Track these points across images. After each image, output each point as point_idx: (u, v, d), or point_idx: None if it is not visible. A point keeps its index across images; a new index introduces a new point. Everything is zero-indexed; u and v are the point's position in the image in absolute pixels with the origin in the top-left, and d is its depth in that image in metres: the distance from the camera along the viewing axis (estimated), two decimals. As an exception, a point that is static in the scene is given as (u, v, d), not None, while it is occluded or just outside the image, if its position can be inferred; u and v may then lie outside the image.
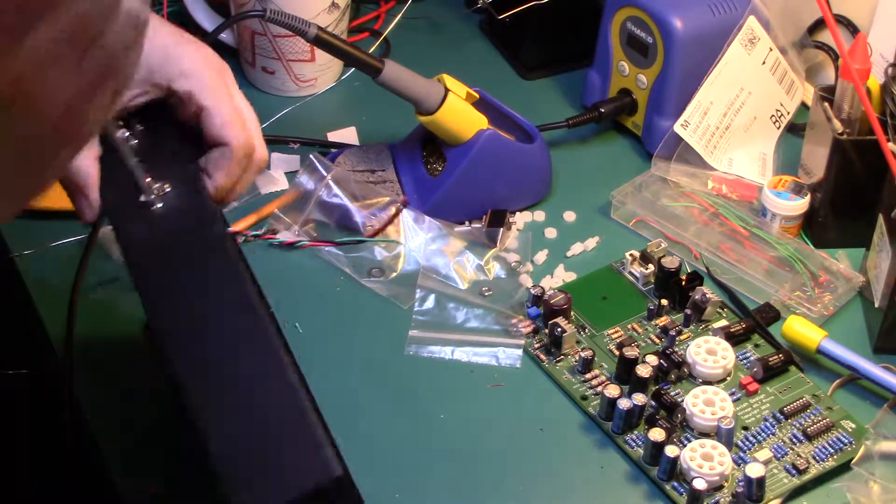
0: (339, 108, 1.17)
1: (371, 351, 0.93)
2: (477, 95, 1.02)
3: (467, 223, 1.03)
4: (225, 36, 1.17)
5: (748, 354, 0.92)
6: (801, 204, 1.01)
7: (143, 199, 0.74)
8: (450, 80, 1.01)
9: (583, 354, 0.90)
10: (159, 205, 0.74)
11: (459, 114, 1.00)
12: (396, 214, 0.98)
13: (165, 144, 0.77)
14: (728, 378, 0.90)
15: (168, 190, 0.75)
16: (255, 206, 1.03)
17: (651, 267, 0.97)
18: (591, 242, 1.03)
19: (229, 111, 0.78)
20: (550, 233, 1.03)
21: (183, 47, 0.79)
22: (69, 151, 0.47)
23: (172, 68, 0.78)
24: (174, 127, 0.78)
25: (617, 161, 1.12)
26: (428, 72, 1.01)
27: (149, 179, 0.74)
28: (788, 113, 1.11)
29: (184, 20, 1.18)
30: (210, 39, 1.09)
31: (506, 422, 0.88)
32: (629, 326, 0.94)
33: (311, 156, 1.03)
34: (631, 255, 0.98)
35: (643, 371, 0.88)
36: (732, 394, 0.89)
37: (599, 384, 0.90)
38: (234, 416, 0.62)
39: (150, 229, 0.73)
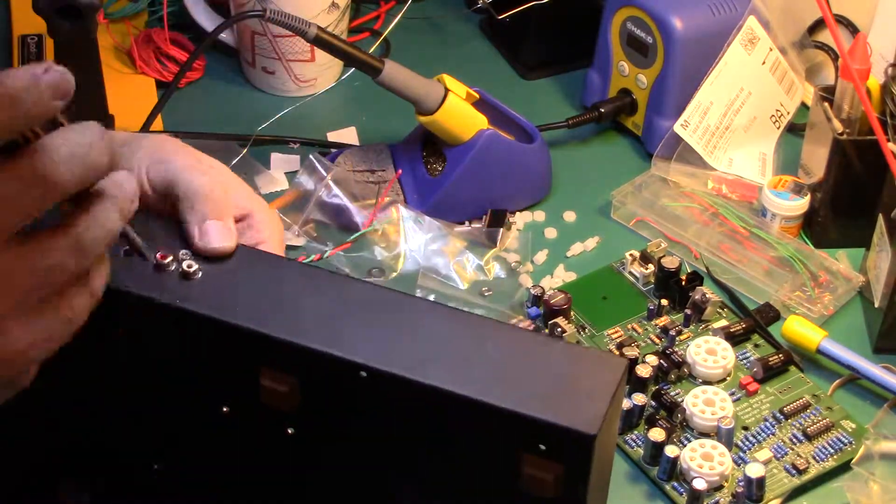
0: (339, 108, 1.17)
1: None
2: (477, 95, 1.02)
3: (467, 223, 1.03)
4: (225, 36, 1.16)
5: (748, 354, 0.92)
6: (801, 204, 1.01)
7: (185, 265, 0.65)
8: (450, 80, 1.01)
9: (583, 354, 0.90)
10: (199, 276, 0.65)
11: (459, 114, 1.00)
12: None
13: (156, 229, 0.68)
14: (728, 378, 0.90)
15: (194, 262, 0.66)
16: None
17: (651, 267, 0.97)
18: (591, 242, 1.03)
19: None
20: (550, 233, 1.03)
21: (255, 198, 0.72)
22: None
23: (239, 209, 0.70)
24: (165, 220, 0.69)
25: (617, 161, 1.12)
26: (428, 72, 1.01)
27: (170, 258, 0.65)
28: (788, 113, 1.11)
29: (184, 20, 1.18)
30: (210, 39, 1.10)
31: (506, 422, 0.88)
32: (629, 326, 0.94)
33: (310, 156, 1.03)
34: (631, 255, 0.98)
35: (643, 371, 0.87)
36: (732, 394, 0.89)
37: (599, 384, 0.89)
38: (473, 374, 0.60)
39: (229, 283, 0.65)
